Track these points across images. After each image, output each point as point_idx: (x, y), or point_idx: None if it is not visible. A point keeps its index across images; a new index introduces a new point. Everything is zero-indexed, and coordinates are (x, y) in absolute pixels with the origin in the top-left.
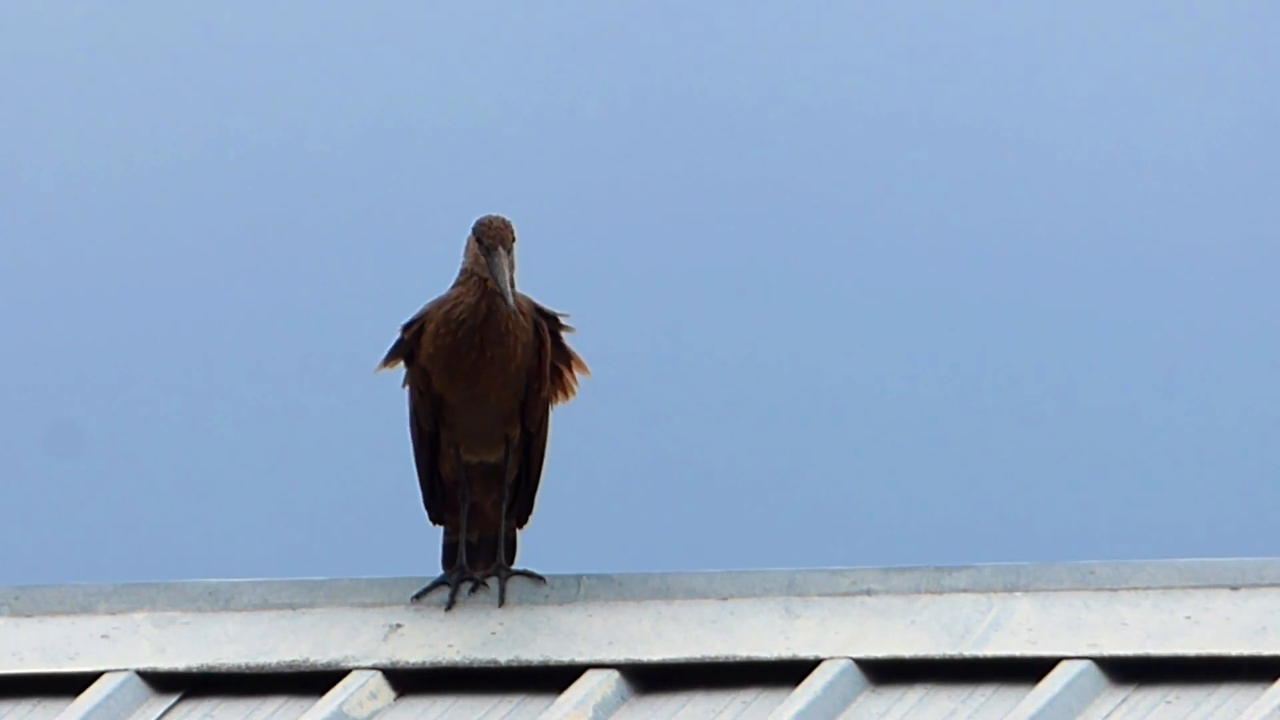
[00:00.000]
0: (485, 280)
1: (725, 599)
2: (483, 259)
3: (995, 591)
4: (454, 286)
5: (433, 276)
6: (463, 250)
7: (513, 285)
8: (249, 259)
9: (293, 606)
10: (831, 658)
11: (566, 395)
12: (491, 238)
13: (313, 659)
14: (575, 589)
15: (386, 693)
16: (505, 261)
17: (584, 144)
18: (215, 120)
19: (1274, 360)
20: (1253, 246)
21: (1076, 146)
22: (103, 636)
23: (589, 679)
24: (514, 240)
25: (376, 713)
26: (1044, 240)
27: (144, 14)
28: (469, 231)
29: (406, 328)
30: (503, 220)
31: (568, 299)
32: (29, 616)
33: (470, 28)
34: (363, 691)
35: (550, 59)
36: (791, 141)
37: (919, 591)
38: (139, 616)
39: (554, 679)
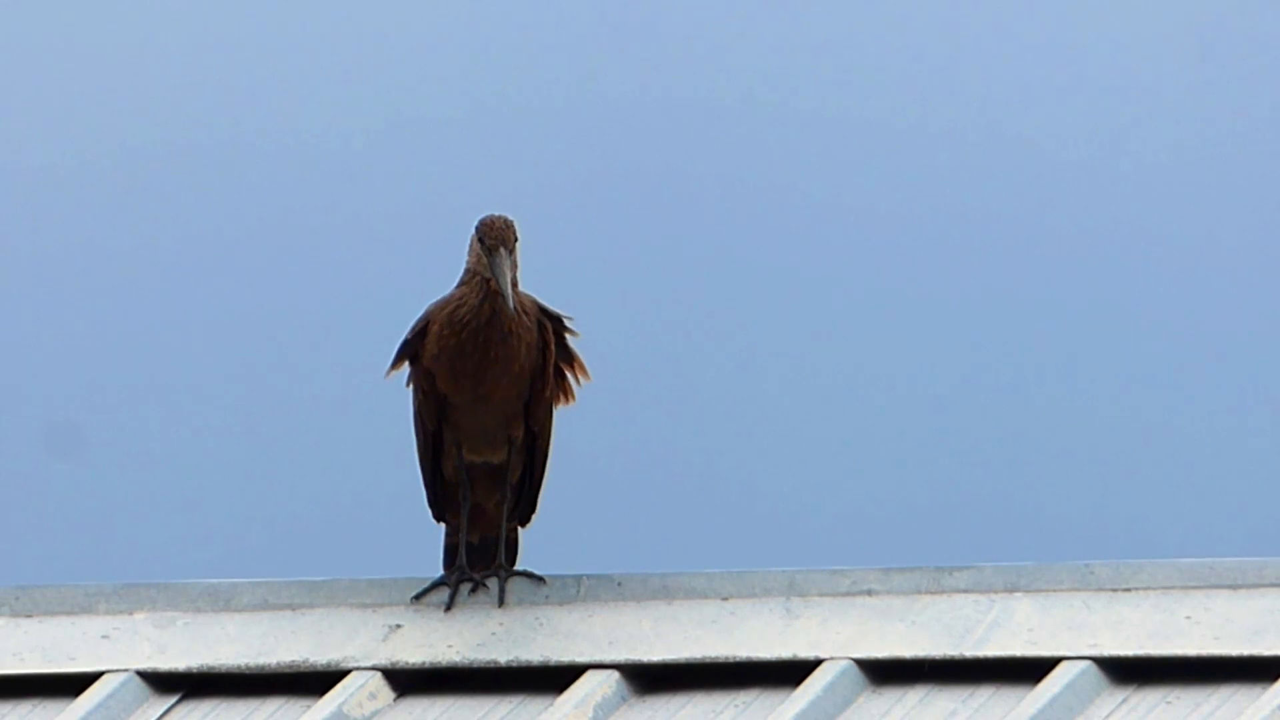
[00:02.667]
0: (488, 280)
1: (725, 599)
2: (485, 259)
3: (995, 591)
4: (458, 286)
5: (436, 275)
6: (466, 249)
7: (515, 285)
8: (249, 259)
9: (293, 607)
10: (832, 658)
11: (567, 399)
12: (493, 238)
13: (313, 659)
14: (575, 589)
15: (386, 693)
16: (506, 262)
17: (583, 143)
18: (216, 120)
19: (1274, 360)
20: (1253, 246)
21: (1080, 146)
22: (103, 636)
23: (589, 679)
24: (516, 240)
25: (376, 713)
26: (1044, 240)
27: (140, 14)
28: (472, 231)
29: (412, 330)
30: (505, 220)
31: (569, 299)
32: (29, 616)
33: (470, 24)
34: (363, 692)
35: (556, 56)
36: (792, 141)
37: (919, 591)
38: (139, 616)
39: (554, 679)
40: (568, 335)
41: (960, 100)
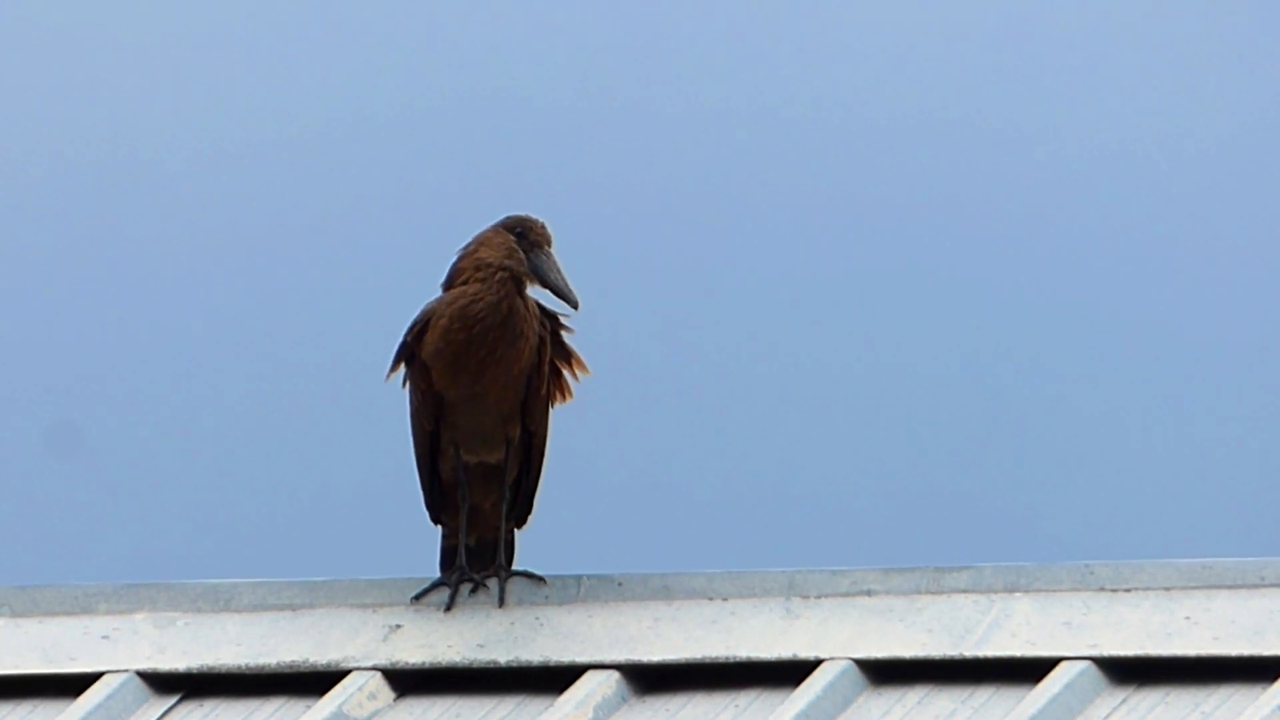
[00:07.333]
0: (514, 277)
1: (725, 599)
2: (519, 255)
3: (995, 591)
4: (459, 284)
5: (435, 273)
6: (466, 246)
7: (525, 284)
8: (248, 259)
9: (293, 607)
10: (832, 658)
11: (565, 396)
12: (538, 234)
13: (313, 659)
14: (575, 589)
15: (386, 693)
16: (554, 259)
17: (577, 142)
18: (213, 120)
19: (1274, 360)
20: (1253, 245)
21: (1080, 145)
22: (103, 637)
23: (589, 679)
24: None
25: (376, 713)
26: (1044, 239)
27: (135, 14)
28: (491, 229)
29: (410, 330)
30: (541, 219)
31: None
32: (29, 616)
33: (466, 23)
34: (363, 692)
35: (550, 55)
36: (786, 141)
37: (919, 591)
38: (139, 616)
39: (554, 679)
40: (563, 332)
41: (956, 100)
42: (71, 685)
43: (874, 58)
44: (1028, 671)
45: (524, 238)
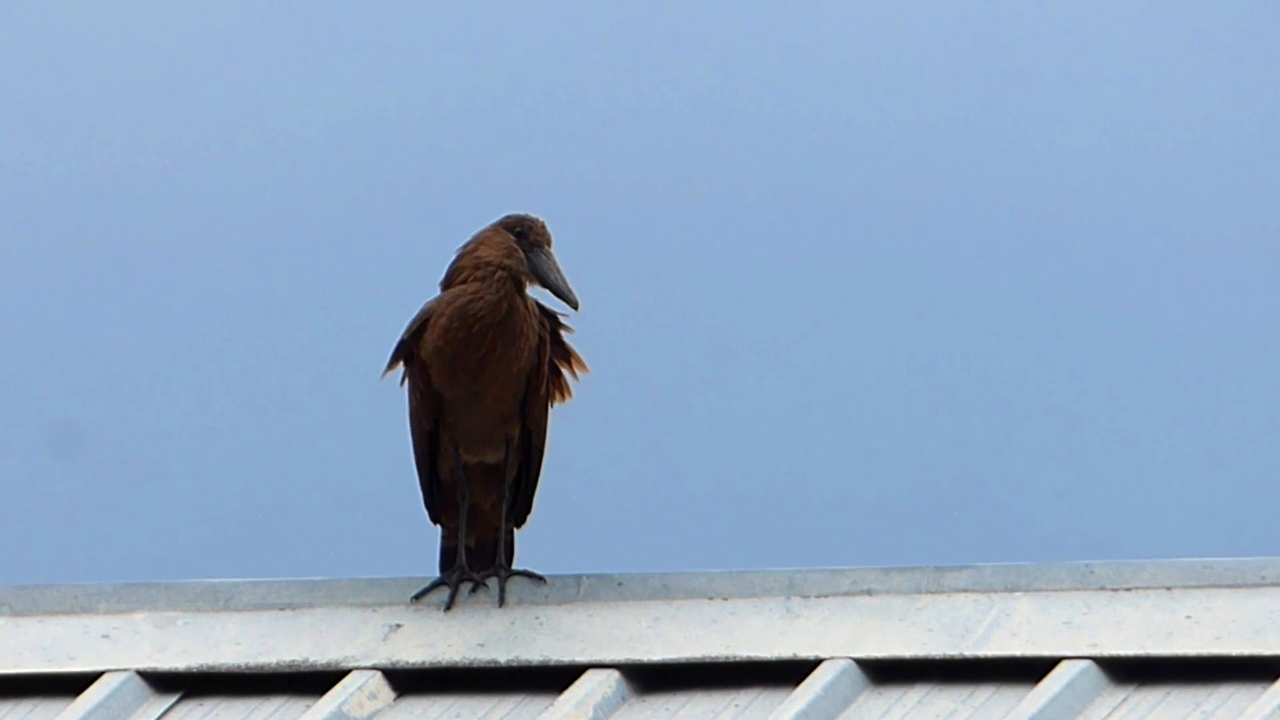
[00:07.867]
0: (514, 276)
1: (725, 599)
2: (519, 254)
3: (995, 591)
4: (458, 283)
5: (434, 273)
6: (465, 245)
7: (526, 285)
8: (248, 259)
9: (293, 606)
10: (832, 658)
11: (564, 396)
12: (539, 234)
13: (313, 659)
14: (575, 589)
15: (386, 693)
16: (554, 259)
17: (574, 142)
18: (212, 121)
19: (1274, 360)
20: (1253, 245)
21: (1079, 145)
22: (103, 636)
23: (589, 679)
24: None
25: (376, 713)
26: (1045, 239)
27: (138, 16)
28: (490, 228)
29: (409, 329)
30: (541, 219)
31: None
32: (29, 616)
33: (465, 23)
34: (362, 692)
35: (554, 55)
36: (785, 141)
37: (919, 591)
38: (139, 616)
39: (554, 679)
40: (563, 332)
41: (952, 100)
42: (71, 685)
43: (874, 59)
44: (1028, 671)
45: (524, 237)
